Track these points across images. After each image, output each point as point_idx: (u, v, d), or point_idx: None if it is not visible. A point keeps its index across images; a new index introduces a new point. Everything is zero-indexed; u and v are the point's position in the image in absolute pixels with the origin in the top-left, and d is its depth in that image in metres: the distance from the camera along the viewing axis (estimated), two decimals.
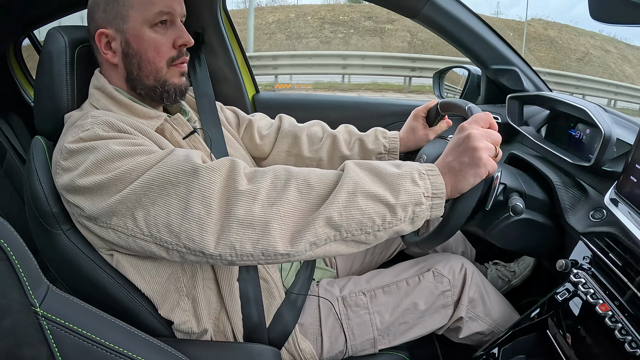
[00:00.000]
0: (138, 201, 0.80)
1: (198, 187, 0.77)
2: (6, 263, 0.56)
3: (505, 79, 1.55)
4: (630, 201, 0.92)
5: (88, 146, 0.85)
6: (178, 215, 0.77)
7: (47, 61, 1.01)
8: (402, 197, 0.78)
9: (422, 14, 1.46)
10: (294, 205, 0.77)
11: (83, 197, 0.84)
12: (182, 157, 0.81)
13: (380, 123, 1.63)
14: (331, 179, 0.80)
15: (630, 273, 0.85)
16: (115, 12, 0.97)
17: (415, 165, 0.83)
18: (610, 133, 1.02)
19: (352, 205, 0.77)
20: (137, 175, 0.81)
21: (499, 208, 1.06)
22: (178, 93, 1.04)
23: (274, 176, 0.80)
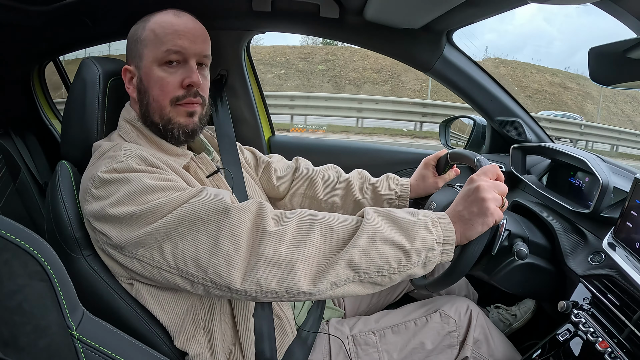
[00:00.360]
0: (167, 234, 0.83)
1: (228, 225, 0.82)
2: (48, 285, 0.58)
3: (510, 129, 1.63)
4: (626, 245, 0.98)
5: (121, 177, 0.88)
6: (207, 250, 0.81)
7: (80, 90, 1.06)
8: (417, 243, 0.84)
9: (434, 68, 1.57)
10: (318, 247, 0.82)
11: (111, 226, 0.87)
12: (213, 196, 0.85)
13: (391, 169, 1.70)
14: (352, 224, 0.86)
15: (628, 312, 0.90)
16: (135, 50, 1.04)
17: (428, 213, 0.89)
18: (608, 182, 1.09)
19: (372, 250, 0.82)
20: (169, 209, 0.84)
21: (504, 253, 1.11)
22: (182, 134, 1.05)
23: (300, 219, 0.85)
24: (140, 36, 1.03)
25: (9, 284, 0.54)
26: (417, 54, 1.57)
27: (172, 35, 1.01)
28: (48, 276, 0.58)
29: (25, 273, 0.56)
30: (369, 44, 1.61)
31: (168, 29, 1.01)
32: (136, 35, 1.04)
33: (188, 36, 1.02)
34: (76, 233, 0.95)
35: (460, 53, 1.58)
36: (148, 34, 1.02)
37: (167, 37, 1.00)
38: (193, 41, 1.03)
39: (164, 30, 1.01)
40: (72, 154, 1.09)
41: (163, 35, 1.00)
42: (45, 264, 0.58)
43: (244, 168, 1.32)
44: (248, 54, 1.75)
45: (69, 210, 0.96)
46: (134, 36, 1.05)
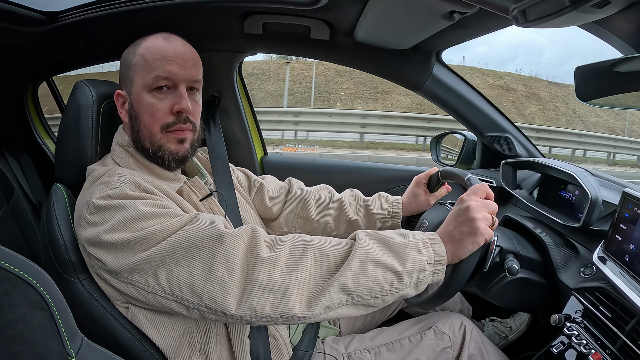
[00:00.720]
0: (162, 261, 0.84)
1: (222, 252, 0.83)
2: (48, 314, 0.58)
3: (500, 145, 1.66)
4: (617, 258, 0.99)
5: (116, 204, 0.89)
6: (202, 277, 0.83)
7: (74, 113, 1.06)
8: (408, 265, 0.86)
9: (424, 87, 1.61)
10: (311, 272, 0.83)
11: (106, 252, 0.88)
12: (207, 223, 0.87)
13: (383, 187, 1.72)
14: (344, 248, 0.87)
15: (620, 323, 0.92)
16: (127, 75, 1.04)
17: (419, 234, 0.91)
18: (597, 196, 1.11)
19: (364, 273, 0.84)
20: (163, 236, 0.85)
21: (496, 269, 1.13)
22: (172, 160, 1.04)
23: (292, 244, 0.87)
24: (130, 61, 1.04)
25: (10, 314, 0.54)
26: (407, 73, 1.61)
27: (161, 61, 1.01)
28: (47, 305, 0.58)
29: (26, 303, 0.56)
30: (360, 64, 1.64)
31: (157, 55, 1.01)
32: (127, 60, 1.05)
33: (177, 61, 1.02)
34: (72, 257, 0.95)
35: (449, 71, 1.62)
36: (138, 60, 1.02)
37: (156, 62, 1.00)
38: (182, 66, 1.02)
39: (152, 56, 1.01)
40: (67, 177, 1.10)
41: (152, 61, 1.01)
42: (45, 293, 0.58)
43: (237, 190, 1.33)
44: (240, 75, 1.77)
45: (64, 234, 0.96)
46: (125, 61, 1.06)
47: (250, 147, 1.85)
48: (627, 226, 0.98)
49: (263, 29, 1.44)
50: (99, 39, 1.43)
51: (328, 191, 1.46)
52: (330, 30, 1.43)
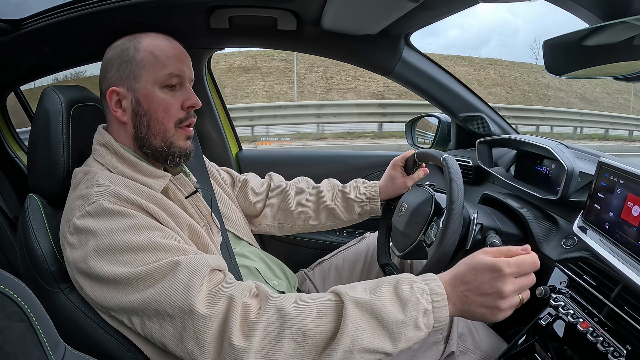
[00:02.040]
0: (134, 311, 0.82)
1: (193, 329, 0.78)
2: (27, 324, 0.57)
3: (474, 124, 1.68)
4: (597, 227, 1.01)
5: (91, 227, 0.85)
6: (173, 342, 0.80)
7: (43, 121, 1.03)
8: (401, 345, 0.79)
9: (395, 71, 1.61)
10: (290, 355, 0.77)
11: (85, 280, 0.86)
12: (182, 288, 0.80)
13: (361, 174, 1.72)
14: (328, 327, 0.78)
15: (605, 291, 0.93)
16: (128, 72, 1.00)
17: (423, 303, 0.79)
18: (573, 168, 1.13)
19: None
20: (134, 289, 0.82)
21: (478, 247, 1.11)
22: (182, 156, 1.06)
23: (267, 324, 0.78)
24: (134, 57, 1.00)
25: None
26: (377, 59, 1.60)
27: (172, 58, 1.01)
28: (27, 316, 0.57)
29: (4, 315, 0.55)
30: (328, 52, 1.63)
31: (167, 52, 1.01)
32: (127, 56, 1.01)
33: (184, 61, 1.04)
34: (51, 267, 0.93)
35: (419, 54, 1.61)
36: (145, 56, 1.00)
37: (168, 60, 1.01)
38: (188, 66, 1.05)
39: (163, 53, 1.01)
40: (40, 186, 1.07)
41: (164, 58, 1.00)
42: (23, 303, 0.57)
43: (221, 187, 1.33)
44: (209, 71, 1.74)
45: (42, 245, 0.94)
46: (125, 57, 1.01)
47: (225, 144, 1.83)
48: (605, 195, 0.99)
49: (229, 23, 1.41)
50: (64, 44, 1.39)
51: (306, 182, 1.48)
52: (297, 20, 1.41)
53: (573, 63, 0.98)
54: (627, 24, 0.83)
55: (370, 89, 15.40)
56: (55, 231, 0.98)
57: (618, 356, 0.82)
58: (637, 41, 0.86)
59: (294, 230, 1.46)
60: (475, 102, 1.67)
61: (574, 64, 0.98)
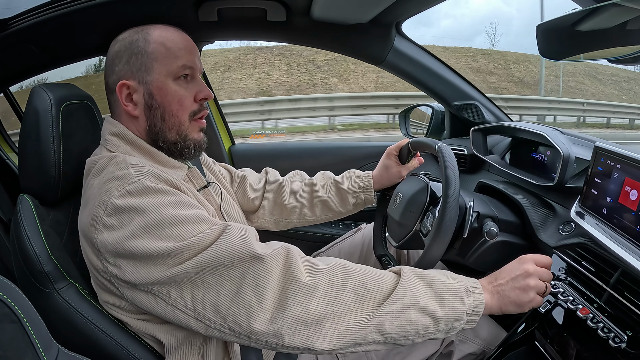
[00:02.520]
0: (188, 278, 0.78)
1: (253, 274, 0.78)
2: (18, 326, 0.56)
3: (467, 113, 1.67)
4: (594, 212, 1.00)
5: (136, 205, 0.82)
6: (228, 298, 0.77)
7: (33, 120, 1.01)
8: (449, 313, 0.82)
9: (386, 61, 1.59)
10: (348, 306, 0.78)
11: (126, 262, 0.82)
12: (237, 240, 0.80)
13: (355, 165, 1.72)
14: (387, 284, 0.83)
15: (604, 276, 0.93)
16: (139, 64, 0.98)
17: (464, 281, 0.88)
18: (569, 153, 1.12)
19: (404, 317, 0.79)
20: (189, 254, 0.79)
21: (475, 235, 1.12)
22: (197, 148, 1.05)
23: (332, 272, 0.81)
24: (145, 49, 0.98)
25: None
26: (368, 48, 1.58)
27: (184, 50, 1.00)
28: (17, 317, 0.57)
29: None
30: (319, 43, 1.61)
31: (179, 44, 1.00)
32: (137, 48, 0.98)
33: (195, 53, 1.03)
34: (45, 267, 0.91)
35: (411, 43, 1.60)
36: (157, 47, 0.98)
37: (181, 51, 0.99)
38: (198, 58, 1.05)
39: (175, 45, 0.99)
40: (32, 186, 1.05)
41: (177, 50, 0.99)
42: (13, 304, 0.56)
43: (220, 183, 1.31)
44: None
45: (34, 245, 0.92)
46: (134, 49, 0.98)
47: (217, 138, 1.82)
48: (602, 179, 0.98)
49: (218, 15, 1.39)
50: (52, 43, 1.36)
51: (300, 176, 1.47)
52: (286, 11, 1.39)
53: (566, 47, 0.97)
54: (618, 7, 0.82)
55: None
56: (48, 231, 0.96)
57: (619, 342, 0.82)
58: (630, 26, 0.85)
59: (290, 225, 1.45)
60: (469, 90, 1.66)
61: (568, 48, 0.97)
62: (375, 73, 15.55)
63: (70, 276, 0.95)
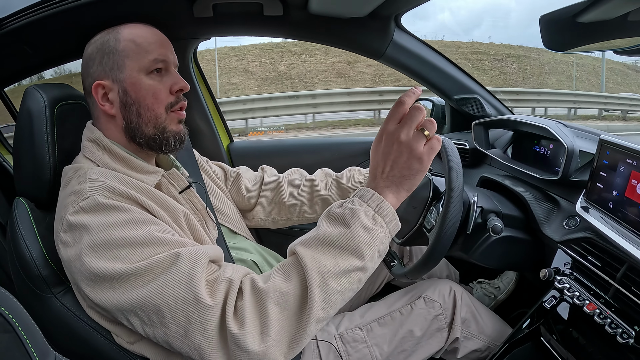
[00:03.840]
0: (133, 311, 0.79)
1: (199, 319, 0.77)
2: (13, 335, 0.55)
3: (468, 106, 1.65)
4: (600, 206, 0.99)
5: (85, 223, 0.82)
6: (178, 339, 0.78)
7: (27, 121, 1.00)
8: (367, 253, 0.79)
9: (385, 54, 1.57)
10: (280, 320, 0.77)
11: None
12: (185, 278, 0.78)
13: (354, 162, 1.70)
14: (297, 278, 0.80)
15: (611, 271, 0.92)
16: (111, 63, 0.97)
17: (357, 208, 0.81)
18: (573, 147, 1.11)
19: (330, 294, 0.78)
20: (136, 282, 0.78)
21: (479, 230, 1.11)
22: (178, 140, 1.03)
23: (250, 304, 0.79)
24: (115, 47, 0.97)
25: None
26: (367, 42, 1.56)
27: (155, 44, 0.99)
28: (12, 326, 0.55)
29: None
30: (317, 37, 1.59)
31: (149, 39, 0.99)
32: (108, 48, 0.98)
33: (167, 46, 1.02)
34: (42, 272, 0.90)
35: (410, 36, 1.58)
36: (128, 45, 0.97)
37: (151, 46, 0.98)
38: (171, 51, 1.03)
39: (145, 40, 0.98)
40: (28, 189, 1.03)
41: (146, 45, 0.98)
42: (7, 313, 0.55)
43: (213, 182, 1.30)
44: (196, 62, 1.69)
45: (31, 250, 0.91)
46: (105, 49, 0.98)
47: (215, 136, 1.79)
48: (608, 173, 0.97)
49: (213, 10, 1.37)
50: (45, 43, 1.34)
51: (299, 174, 1.45)
52: (283, 5, 1.37)
53: (570, 38, 0.95)
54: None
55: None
56: (44, 234, 0.95)
57: (627, 338, 0.81)
58: (632, 17, 0.83)
59: (289, 223, 1.43)
60: (470, 83, 1.65)
61: (571, 39, 0.95)
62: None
63: (68, 280, 0.94)
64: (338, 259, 0.78)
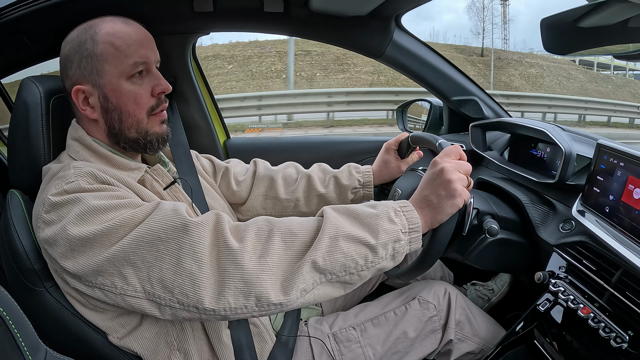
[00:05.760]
0: (126, 259, 0.78)
1: (188, 242, 0.78)
2: (4, 328, 0.55)
3: (466, 108, 1.65)
4: (596, 210, 1.00)
5: (72, 198, 0.83)
6: (170, 270, 0.77)
7: (23, 113, 0.99)
8: (382, 237, 0.81)
9: (385, 54, 1.56)
10: (281, 254, 0.79)
11: (66, 253, 0.81)
12: (170, 212, 0.81)
13: (352, 160, 1.68)
14: (312, 226, 0.83)
15: (605, 275, 0.92)
16: (90, 68, 0.95)
17: (389, 204, 0.87)
18: (571, 151, 1.11)
19: (335, 249, 0.79)
20: (125, 231, 0.80)
21: (475, 232, 1.12)
22: (161, 141, 1.03)
23: (257, 228, 0.82)
24: (93, 51, 0.94)
25: None
26: (367, 41, 1.56)
27: (135, 46, 0.95)
28: (3, 320, 0.55)
29: None
30: (317, 35, 1.58)
31: (128, 40, 0.95)
32: (86, 51, 0.95)
33: (147, 44, 0.99)
34: (35, 265, 0.89)
35: (410, 36, 1.57)
36: (106, 48, 0.94)
37: (130, 48, 0.95)
38: (152, 49, 1.00)
39: (124, 42, 0.95)
40: (22, 181, 1.02)
41: (125, 47, 0.95)
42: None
43: (202, 176, 1.28)
44: (194, 57, 1.68)
45: (24, 242, 0.90)
46: (83, 52, 0.95)
47: (212, 132, 1.77)
48: (604, 177, 0.97)
49: (214, 5, 1.36)
50: (43, 33, 1.33)
51: (295, 168, 1.42)
52: (284, 2, 1.37)
53: (571, 42, 0.96)
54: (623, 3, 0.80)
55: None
56: None
57: (620, 342, 0.82)
58: (633, 23, 0.84)
59: (283, 216, 1.42)
60: (468, 85, 1.65)
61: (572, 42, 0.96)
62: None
63: None
64: (356, 228, 0.82)
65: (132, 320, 0.92)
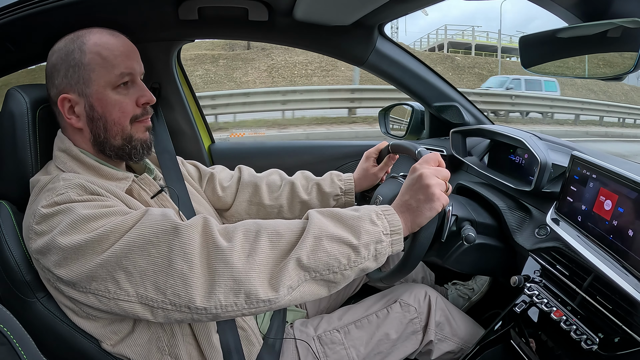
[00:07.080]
0: (118, 264, 0.80)
1: (179, 244, 0.80)
2: (8, 347, 0.56)
3: (447, 114, 1.69)
4: (569, 219, 1.04)
5: (63, 208, 0.84)
6: (162, 272, 0.79)
7: (9, 124, 0.99)
8: (364, 237, 0.85)
9: (368, 62, 1.60)
10: (267, 254, 0.82)
11: (59, 262, 0.82)
12: (159, 217, 0.84)
13: (334, 164, 1.72)
14: (298, 227, 0.86)
15: (577, 280, 0.97)
16: (77, 77, 0.96)
17: (372, 207, 0.91)
18: (546, 160, 1.15)
19: (319, 249, 0.83)
20: (115, 237, 0.81)
21: (453, 238, 1.16)
22: (145, 147, 1.05)
23: (245, 229, 0.85)
24: (81, 60, 0.96)
25: None
26: (350, 49, 1.59)
27: (122, 57, 0.98)
28: (7, 338, 0.56)
29: None
30: (301, 43, 1.60)
31: (115, 51, 0.98)
32: (73, 60, 0.96)
33: (133, 56, 1.02)
34: (26, 276, 0.90)
35: (392, 44, 1.61)
36: (93, 57, 0.96)
37: (117, 59, 0.97)
38: (137, 61, 1.03)
39: (111, 53, 0.97)
40: (10, 192, 1.03)
41: (112, 58, 0.97)
42: (1, 326, 0.56)
43: (188, 182, 1.30)
44: (179, 64, 1.69)
45: (14, 254, 0.91)
46: (70, 62, 0.97)
47: (197, 137, 1.78)
48: (577, 187, 1.02)
49: (199, 14, 1.36)
50: (28, 40, 1.32)
51: (279, 175, 1.45)
52: (268, 11, 1.38)
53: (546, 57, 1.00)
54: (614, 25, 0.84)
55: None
56: None
57: (591, 344, 0.86)
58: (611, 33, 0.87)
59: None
60: (449, 91, 1.68)
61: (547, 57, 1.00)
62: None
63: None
64: (339, 229, 0.86)
65: (124, 327, 0.94)
